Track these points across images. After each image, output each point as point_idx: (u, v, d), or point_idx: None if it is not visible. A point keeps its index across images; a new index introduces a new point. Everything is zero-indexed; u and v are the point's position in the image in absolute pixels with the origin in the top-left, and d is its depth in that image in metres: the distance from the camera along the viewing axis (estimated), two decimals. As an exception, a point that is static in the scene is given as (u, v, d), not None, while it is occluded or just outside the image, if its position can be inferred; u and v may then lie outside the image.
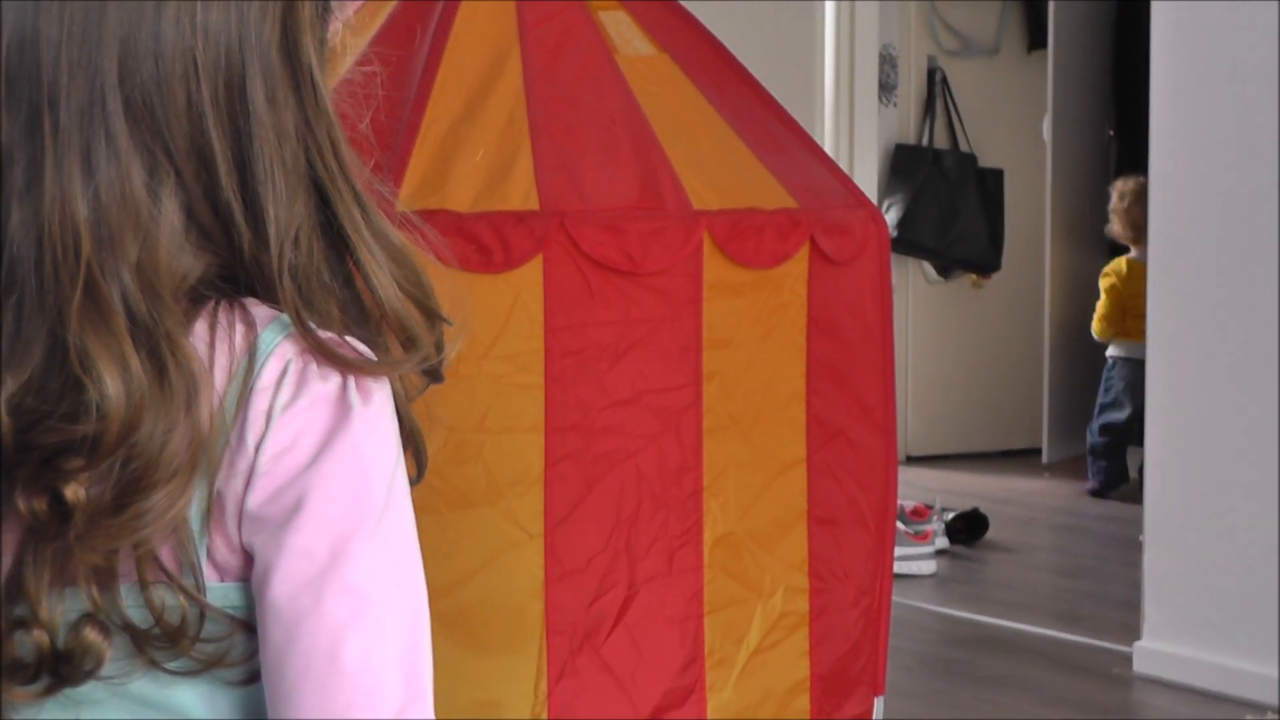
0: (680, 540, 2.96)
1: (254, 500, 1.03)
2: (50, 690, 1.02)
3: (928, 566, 5.28)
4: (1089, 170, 7.08)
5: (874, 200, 6.26)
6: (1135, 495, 5.98)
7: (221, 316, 1.05)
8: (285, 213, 1.05)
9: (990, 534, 5.73)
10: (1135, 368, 6.42)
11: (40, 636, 1.01)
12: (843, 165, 6.19)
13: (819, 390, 3.08)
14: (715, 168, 3.04)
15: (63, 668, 1.01)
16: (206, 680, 1.05)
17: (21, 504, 0.99)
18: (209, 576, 1.04)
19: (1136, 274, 6.49)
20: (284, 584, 1.01)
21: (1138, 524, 4.52)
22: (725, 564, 2.98)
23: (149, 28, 1.03)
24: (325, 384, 1.04)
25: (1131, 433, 6.54)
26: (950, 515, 5.67)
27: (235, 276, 1.06)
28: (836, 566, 3.12)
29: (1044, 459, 7.04)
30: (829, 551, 3.11)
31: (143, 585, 1.02)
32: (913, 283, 7.24)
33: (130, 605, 1.02)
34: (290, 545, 1.01)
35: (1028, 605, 4.91)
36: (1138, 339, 6.50)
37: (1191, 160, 4.03)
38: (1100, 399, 6.59)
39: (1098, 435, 6.55)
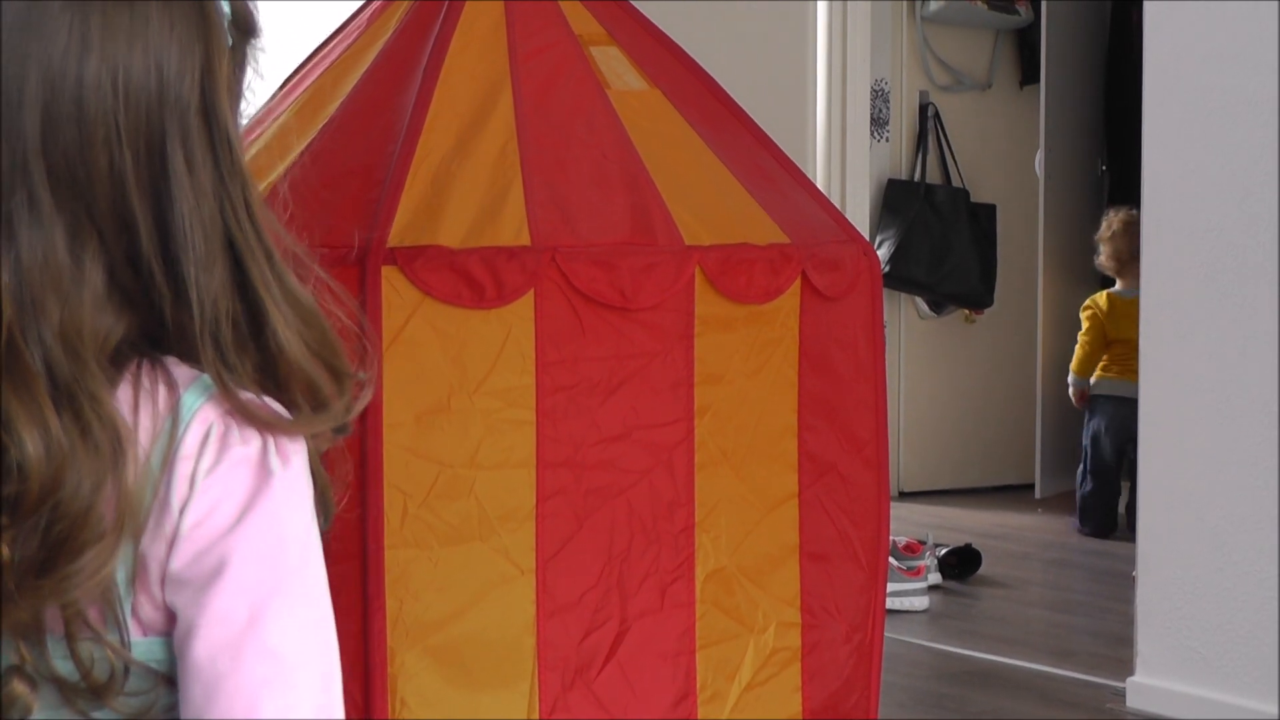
0: (672, 575, 2.96)
1: (176, 563, 1.06)
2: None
3: (920, 602, 5.27)
4: (1081, 205, 7.09)
5: (866, 235, 6.28)
6: (1127, 530, 5.98)
7: (144, 378, 1.07)
8: (205, 274, 1.07)
9: (983, 569, 5.73)
10: (1119, 405, 6.40)
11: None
12: (835, 200, 6.20)
13: (811, 425, 3.08)
14: (707, 203, 3.05)
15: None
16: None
17: None
18: (134, 632, 1.07)
19: (1117, 308, 6.48)
20: (204, 645, 1.05)
21: (1130, 559, 4.52)
22: (717, 599, 2.98)
23: (71, 92, 1.04)
24: (246, 448, 1.07)
25: (1120, 472, 6.51)
26: (943, 550, 5.67)
27: (156, 336, 1.08)
28: (829, 602, 3.12)
29: (1037, 494, 7.03)
30: (821, 587, 3.10)
31: (70, 640, 1.04)
32: (905, 318, 7.24)
33: (58, 658, 1.05)
34: (210, 607, 1.05)
35: (1020, 641, 4.90)
36: (1119, 376, 6.49)
37: (1183, 194, 4.04)
38: (1084, 442, 6.57)
39: (1087, 482, 6.52)
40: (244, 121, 1.17)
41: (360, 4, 3.41)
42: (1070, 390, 6.71)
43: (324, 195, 3.01)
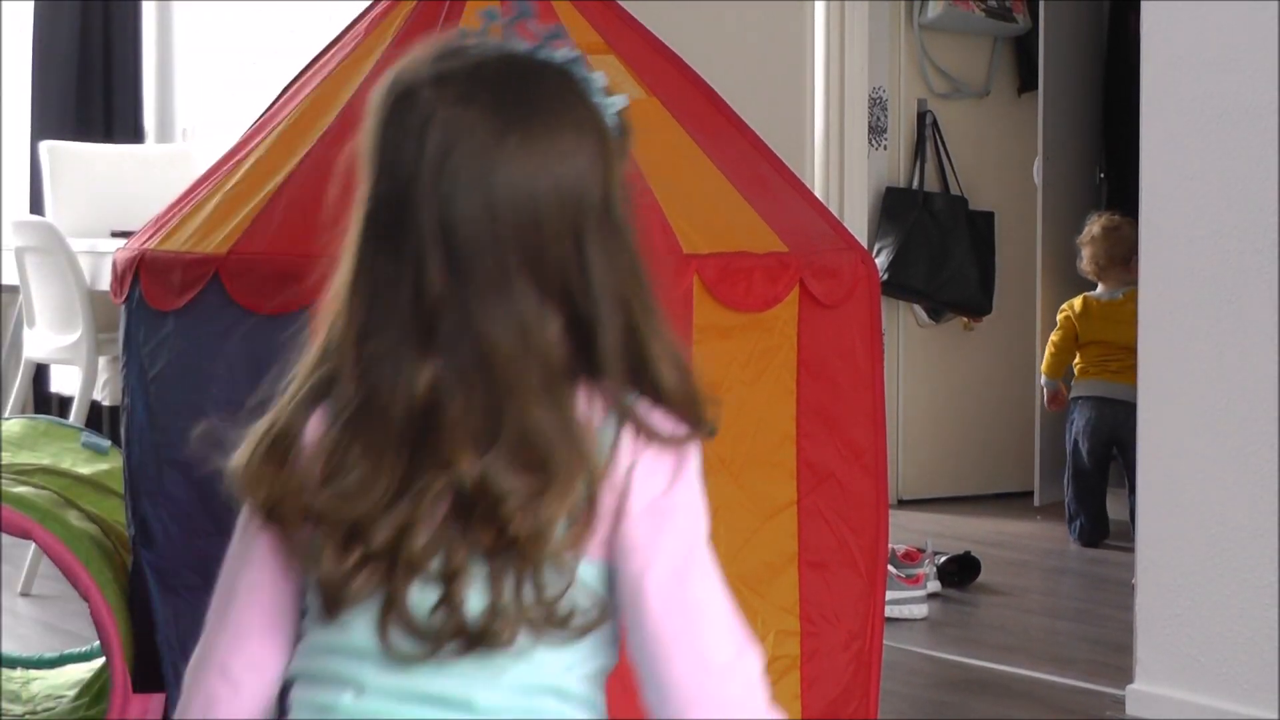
0: (671, 584, 2.95)
1: (627, 519, 1.52)
2: (468, 652, 1.50)
3: (919, 610, 5.27)
4: (1080, 212, 7.08)
5: (864, 243, 6.27)
6: (1126, 538, 5.98)
7: (595, 389, 1.53)
8: (612, 322, 1.52)
9: (982, 577, 5.72)
10: (1096, 405, 6.39)
11: (459, 614, 1.49)
12: (833, 208, 6.20)
13: (809, 433, 3.08)
14: (705, 211, 3.04)
15: (478, 638, 1.49)
16: (558, 638, 1.53)
17: (481, 534, 1.47)
18: (591, 556, 1.53)
19: (1092, 311, 6.48)
20: (658, 575, 1.52)
21: (1129, 566, 4.51)
22: (716, 608, 2.97)
23: (529, 203, 1.48)
24: (665, 437, 1.54)
25: (1104, 475, 6.49)
26: (942, 558, 5.66)
27: (588, 365, 1.53)
28: (828, 610, 3.11)
29: (1036, 502, 7.02)
30: (820, 595, 3.10)
31: (554, 573, 1.50)
32: (903, 325, 7.24)
33: (528, 589, 1.49)
34: (660, 548, 1.52)
35: (1020, 648, 4.89)
36: (1095, 376, 6.48)
37: (1181, 200, 4.04)
38: (1066, 447, 6.55)
39: (1069, 489, 6.50)
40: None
41: (360, 10, 3.41)
42: (1044, 393, 6.72)
43: (323, 203, 3.01)
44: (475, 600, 1.49)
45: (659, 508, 1.52)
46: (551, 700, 1.54)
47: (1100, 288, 6.52)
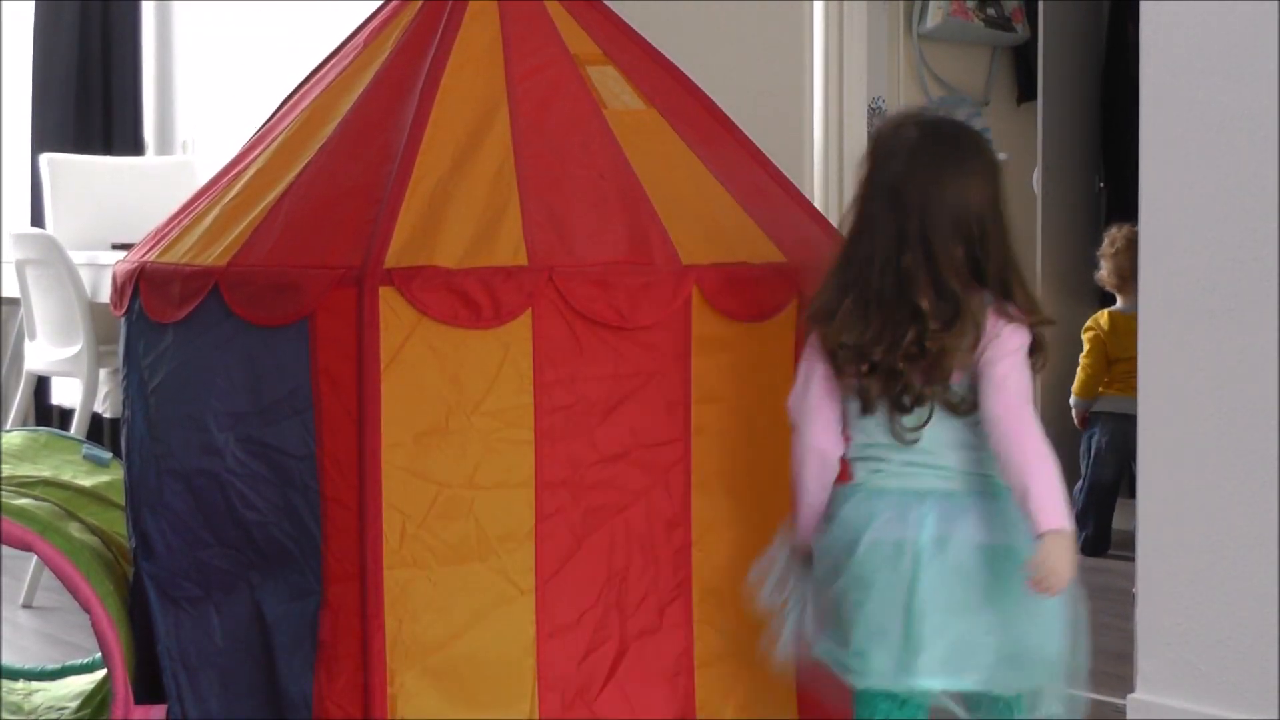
0: (671, 595, 2.96)
1: (992, 356, 2.58)
2: (919, 416, 2.63)
3: (920, 619, 5.24)
4: (1079, 222, 7.08)
5: (864, 253, 6.26)
6: (1127, 547, 5.97)
7: (982, 290, 2.60)
8: (994, 266, 2.61)
9: (983, 586, 5.70)
10: (1120, 422, 6.37)
11: (919, 400, 2.61)
12: (832, 218, 6.19)
13: (809, 443, 3.08)
14: (704, 222, 3.05)
15: (918, 412, 2.62)
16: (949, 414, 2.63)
17: (918, 353, 2.59)
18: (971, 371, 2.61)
19: (1119, 327, 6.46)
20: (1006, 390, 2.58)
21: (1130, 575, 4.51)
22: (715, 619, 2.98)
23: (958, 203, 2.61)
24: (1016, 322, 2.61)
25: (1119, 489, 6.48)
26: (943, 567, 5.63)
27: (977, 280, 2.62)
28: (828, 620, 3.11)
29: (1036, 510, 6.99)
30: (820, 605, 3.10)
31: (947, 381, 2.60)
32: (904, 335, 7.22)
33: (947, 390, 2.60)
34: (1008, 373, 2.58)
35: (1021, 657, 4.88)
36: (1121, 392, 6.46)
37: (1182, 210, 4.04)
38: (1082, 459, 6.52)
39: (1082, 499, 6.48)
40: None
41: (360, 20, 3.41)
42: (1073, 413, 6.70)
43: (322, 215, 3.02)
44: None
45: (1010, 353, 2.58)
46: (965, 451, 2.64)
47: (1120, 301, 6.49)
